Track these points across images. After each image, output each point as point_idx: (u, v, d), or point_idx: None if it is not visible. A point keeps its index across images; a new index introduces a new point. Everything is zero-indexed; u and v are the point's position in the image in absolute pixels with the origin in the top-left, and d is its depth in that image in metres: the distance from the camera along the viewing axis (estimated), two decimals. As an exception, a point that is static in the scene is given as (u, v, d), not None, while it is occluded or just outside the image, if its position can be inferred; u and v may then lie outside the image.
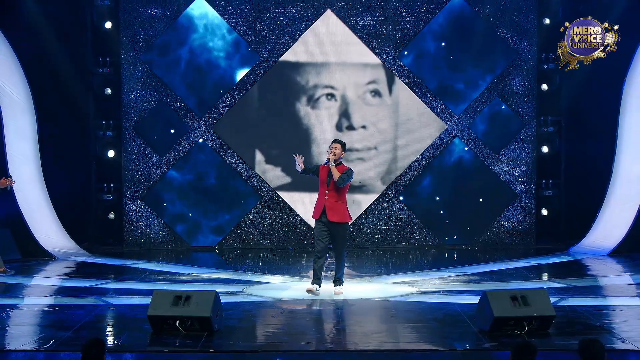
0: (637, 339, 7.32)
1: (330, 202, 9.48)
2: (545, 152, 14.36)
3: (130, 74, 14.26)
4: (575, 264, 12.49)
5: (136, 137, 14.25)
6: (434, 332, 7.94)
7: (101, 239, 14.29)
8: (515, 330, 7.47)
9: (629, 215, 13.11)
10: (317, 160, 13.62)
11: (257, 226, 14.33)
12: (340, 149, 9.59)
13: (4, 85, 13.18)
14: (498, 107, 14.31)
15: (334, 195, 9.49)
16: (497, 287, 9.77)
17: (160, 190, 14.31)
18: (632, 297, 9.99)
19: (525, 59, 14.26)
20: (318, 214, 9.55)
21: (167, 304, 7.69)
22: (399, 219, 14.40)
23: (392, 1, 14.20)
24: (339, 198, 9.51)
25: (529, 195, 14.39)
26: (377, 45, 14.23)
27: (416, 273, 11.59)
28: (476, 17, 14.23)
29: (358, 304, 9.29)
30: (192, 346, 7.22)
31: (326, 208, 9.48)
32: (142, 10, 14.20)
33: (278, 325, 8.38)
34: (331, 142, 9.78)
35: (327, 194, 9.50)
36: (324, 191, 9.53)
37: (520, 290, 7.82)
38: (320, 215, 9.52)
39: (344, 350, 7.24)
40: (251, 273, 11.62)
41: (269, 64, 14.24)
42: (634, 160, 13.35)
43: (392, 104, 14.30)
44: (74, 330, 7.92)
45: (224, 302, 8.19)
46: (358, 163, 14.12)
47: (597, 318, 8.33)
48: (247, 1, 14.20)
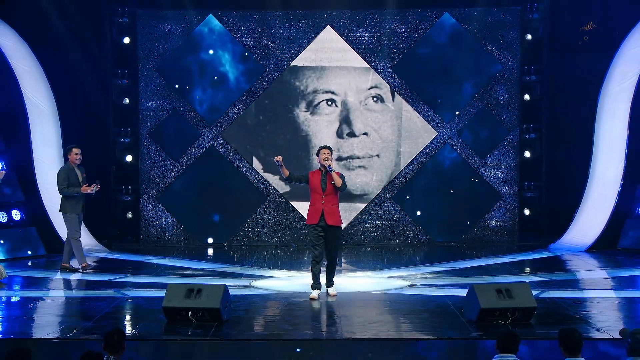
0: (611, 328, 7.32)
1: (328, 207, 8.96)
2: (527, 157, 14.36)
3: (146, 85, 14.26)
4: (555, 259, 12.48)
5: (152, 143, 14.26)
6: (425, 322, 7.94)
7: (120, 236, 14.30)
8: (500, 321, 7.48)
9: (604, 215, 13.11)
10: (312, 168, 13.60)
11: (262, 225, 14.33)
12: (331, 154, 9.09)
13: (32, 96, 13.21)
14: (484, 115, 14.31)
15: (331, 200, 9.00)
16: (483, 280, 9.75)
17: (174, 192, 14.31)
18: (607, 290, 10.00)
19: (509, 71, 14.26)
20: (316, 220, 8.97)
21: (180, 296, 7.71)
22: (393, 219, 14.39)
23: (387, 18, 14.20)
24: (335, 202, 9.06)
25: (512, 196, 14.38)
26: (373, 59, 14.23)
27: (409, 268, 11.57)
28: (464, 33, 14.23)
29: (355, 296, 9.29)
30: (203, 335, 7.24)
31: (325, 213, 8.94)
32: (157, 26, 14.22)
33: (282, 315, 8.38)
34: (320, 149, 9.12)
35: (323, 199, 8.96)
36: (319, 197, 8.97)
37: (505, 284, 7.83)
38: (319, 220, 8.98)
39: (342, 339, 7.26)
40: (257, 268, 11.62)
41: (274, 76, 14.26)
42: (608, 164, 13.34)
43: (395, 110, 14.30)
44: (95, 320, 7.93)
45: (232, 294, 8.21)
46: (359, 171, 14.15)
47: (575, 309, 8.34)
48: (254, 18, 14.22)
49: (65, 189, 10.74)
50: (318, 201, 9.00)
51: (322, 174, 9.03)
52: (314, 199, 9.04)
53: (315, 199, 9.03)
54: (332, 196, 9.02)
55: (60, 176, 10.80)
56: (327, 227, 9.00)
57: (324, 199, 8.98)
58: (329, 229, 9.01)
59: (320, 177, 9.02)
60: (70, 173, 10.80)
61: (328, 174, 8.96)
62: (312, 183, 9.04)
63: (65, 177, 10.77)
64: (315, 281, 9.10)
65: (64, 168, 10.99)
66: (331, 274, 9.16)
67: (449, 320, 7.95)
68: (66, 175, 10.78)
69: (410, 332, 7.60)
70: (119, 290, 9.81)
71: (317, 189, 9.01)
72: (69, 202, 10.83)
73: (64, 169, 10.92)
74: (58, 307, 9.06)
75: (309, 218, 9.08)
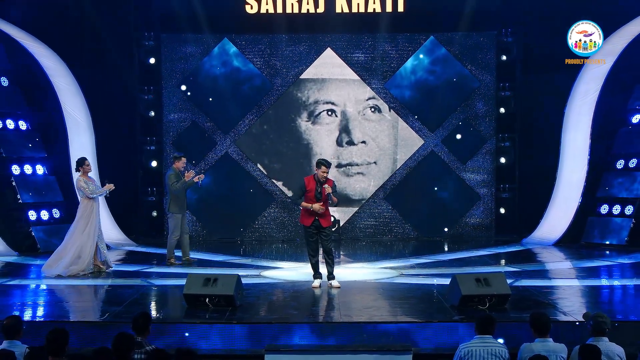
0: (575, 312, 7.34)
1: (321, 211, 8.86)
2: (503, 162, 14.36)
3: (169, 99, 14.29)
4: (526, 252, 12.48)
5: (174, 150, 14.27)
6: (413, 307, 7.95)
7: (146, 232, 14.29)
8: (479, 306, 7.49)
9: (570, 213, 13.12)
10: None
11: (271, 222, 14.34)
12: (327, 170, 8.84)
13: (70, 109, 13.24)
14: (465, 126, 14.32)
15: (323, 206, 8.86)
16: (464, 271, 9.75)
17: (193, 193, 14.32)
18: (572, 279, 10.01)
19: (486, 87, 14.28)
20: (310, 222, 8.88)
21: (199, 284, 7.73)
22: (385, 216, 14.40)
23: (380, 41, 14.22)
24: (326, 207, 8.93)
25: (489, 197, 14.39)
26: (368, 76, 14.25)
27: (399, 260, 11.57)
28: (447, 54, 14.25)
29: (352, 284, 9.29)
30: (219, 318, 7.26)
31: (318, 216, 8.85)
32: (179, 48, 14.25)
33: (287, 301, 8.39)
34: (320, 164, 8.84)
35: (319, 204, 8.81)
36: (313, 203, 8.82)
37: (483, 274, 7.85)
38: (312, 222, 8.86)
39: (340, 322, 7.26)
40: (266, 260, 11.62)
41: (281, 92, 14.29)
42: (573, 169, 13.35)
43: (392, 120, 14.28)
44: (125, 305, 7.94)
45: (244, 283, 8.22)
46: (358, 177, 14.15)
47: (544, 296, 8.35)
48: (263, 41, 14.24)
49: (176, 184, 10.81)
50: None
51: (317, 184, 8.85)
52: (308, 203, 8.86)
53: (309, 203, 8.86)
54: (325, 203, 8.89)
55: (171, 179, 10.90)
56: (321, 228, 8.93)
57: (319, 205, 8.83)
58: (322, 229, 8.93)
59: (315, 187, 8.85)
60: (178, 177, 10.88)
61: (323, 191, 8.78)
62: (308, 190, 8.88)
63: (176, 179, 10.85)
64: (316, 272, 9.08)
65: (171, 172, 11.01)
66: (331, 266, 9.03)
67: (435, 305, 7.98)
68: (176, 177, 10.87)
69: (400, 316, 7.60)
70: (145, 279, 9.82)
71: (312, 198, 8.86)
72: (176, 203, 10.92)
73: (173, 174, 10.95)
74: (92, 294, 9.07)
75: (304, 219, 8.98)
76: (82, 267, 9.79)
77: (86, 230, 9.84)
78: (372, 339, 6.92)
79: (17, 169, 12.46)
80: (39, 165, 12.78)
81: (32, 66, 12.98)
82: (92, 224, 9.87)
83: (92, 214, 9.90)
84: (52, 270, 9.74)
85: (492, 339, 5.60)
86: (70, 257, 9.72)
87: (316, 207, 8.79)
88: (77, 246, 9.77)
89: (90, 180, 10.08)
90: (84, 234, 9.81)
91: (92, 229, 9.86)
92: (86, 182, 9.94)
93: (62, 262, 9.74)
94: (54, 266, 9.77)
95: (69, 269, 9.71)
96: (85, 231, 9.83)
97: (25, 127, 12.85)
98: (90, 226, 9.86)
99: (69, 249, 9.78)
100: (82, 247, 9.80)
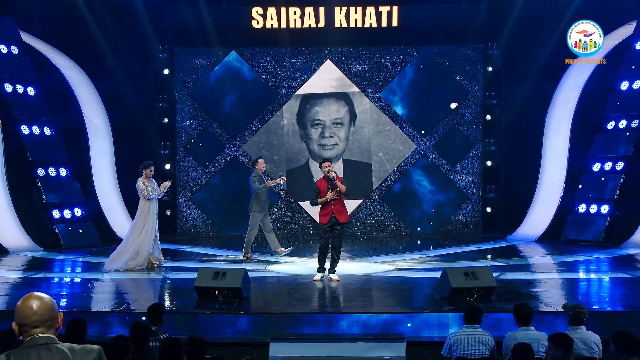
0: (556, 303, 7.32)
1: (337, 207, 8.70)
2: (489, 165, 14.37)
3: (182, 107, 14.30)
4: (511, 248, 12.47)
5: (186, 154, 14.29)
6: (406, 298, 7.96)
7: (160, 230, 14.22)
8: (467, 297, 7.48)
9: (550, 212, 13.12)
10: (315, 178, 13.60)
11: (275, 220, 14.31)
12: (331, 165, 8.82)
13: (90, 117, 13.25)
14: (454, 132, 14.32)
15: (339, 202, 8.73)
16: (453, 265, 9.75)
17: (204, 193, 14.33)
18: (552, 273, 9.99)
19: (474, 96, 14.28)
20: (327, 220, 8.70)
21: (209, 277, 7.72)
22: (380, 215, 14.40)
23: (376, 54, 14.24)
24: (342, 203, 8.84)
25: (477, 197, 14.39)
26: (365, 86, 14.26)
27: (393, 255, 11.58)
28: (437, 66, 14.26)
29: (351, 278, 9.28)
30: (227, 309, 7.24)
31: (335, 213, 8.67)
32: (190, 60, 14.26)
33: (290, 293, 8.38)
34: (322, 162, 8.86)
35: (332, 202, 8.70)
36: (329, 201, 8.71)
37: (471, 268, 7.83)
38: (330, 219, 8.70)
39: (340, 312, 7.26)
40: (271, 255, 11.62)
41: (284, 100, 14.29)
42: (554, 171, 13.35)
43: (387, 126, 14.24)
44: (140, 297, 7.93)
45: (251, 276, 8.21)
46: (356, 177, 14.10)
47: (527, 288, 8.34)
48: (269, 54, 14.25)
49: (258, 184, 10.69)
50: (328, 205, 8.75)
51: (327, 182, 8.79)
52: (325, 203, 8.78)
53: (325, 202, 8.79)
54: (339, 198, 8.82)
55: (254, 180, 10.76)
56: (338, 224, 8.75)
57: (332, 202, 8.76)
58: (339, 225, 8.77)
59: (327, 186, 8.77)
60: (260, 178, 10.75)
61: (333, 183, 8.72)
62: (322, 189, 8.83)
63: (258, 180, 10.71)
64: (320, 266, 9.02)
65: (254, 174, 10.86)
66: (335, 262, 8.96)
67: (426, 297, 7.97)
68: (258, 179, 10.72)
69: (394, 306, 7.59)
70: (159, 272, 9.81)
71: (325, 193, 8.77)
72: (257, 203, 10.80)
73: (255, 175, 10.79)
74: (111, 286, 9.06)
75: (322, 219, 8.82)
76: (139, 262, 9.79)
77: (145, 228, 9.81)
78: (369, 328, 6.91)
79: (42, 172, 12.47)
80: (62, 168, 12.79)
81: (57, 77, 13.02)
82: (150, 223, 9.83)
83: (149, 213, 9.84)
84: (112, 265, 9.74)
85: (480, 328, 5.59)
86: (130, 254, 9.72)
87: (330, 195, 8.67)
88: (137, 243, 9.76)
89: (149, 182, 9.98)
90: (142, 232, 9.80)
91: (149, 228, 9.83)
92: (145, 183, 9.85)
93: (122, 257, 9.74)
94: (116, 261, 9.77)
95: (128, 264, 9.70)
96: (143, 229, 9.80)
97: (50, 133, 12.86)
98: (148, 225, 9.83)
99: (130, 246, 9.76)
100: (141, 244, 9.77)
